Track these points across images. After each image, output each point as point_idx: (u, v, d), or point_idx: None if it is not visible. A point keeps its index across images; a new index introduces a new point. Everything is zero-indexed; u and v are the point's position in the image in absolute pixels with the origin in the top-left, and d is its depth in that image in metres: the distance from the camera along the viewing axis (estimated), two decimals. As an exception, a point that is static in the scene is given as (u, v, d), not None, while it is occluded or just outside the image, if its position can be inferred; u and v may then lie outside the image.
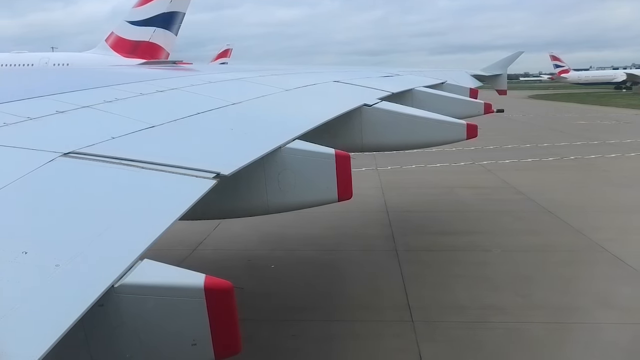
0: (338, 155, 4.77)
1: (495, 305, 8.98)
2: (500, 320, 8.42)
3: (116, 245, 2.56)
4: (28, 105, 4.13)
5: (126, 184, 3.18)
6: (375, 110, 7.48)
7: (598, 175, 20.46)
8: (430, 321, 8.47)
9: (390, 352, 7.62)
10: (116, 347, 2.51)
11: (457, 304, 9.11)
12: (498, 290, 9.63)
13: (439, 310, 8.87)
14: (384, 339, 7.96)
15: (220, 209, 4.75)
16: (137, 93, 5.14)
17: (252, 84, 7.66)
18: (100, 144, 3.47)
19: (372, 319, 8.62)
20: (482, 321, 8.42)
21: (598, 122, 42.72)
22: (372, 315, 8.74)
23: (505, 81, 21.89)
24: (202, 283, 2.50)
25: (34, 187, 2.81)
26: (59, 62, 40.68)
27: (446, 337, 7.99)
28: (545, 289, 9.60)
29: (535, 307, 8.90)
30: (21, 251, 2.24)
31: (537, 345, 7.69)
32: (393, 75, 12.10)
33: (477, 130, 7.89)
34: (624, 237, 12.47)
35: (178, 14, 43.15)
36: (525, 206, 15.74)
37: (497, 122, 35.49)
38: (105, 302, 2.31)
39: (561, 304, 8.98)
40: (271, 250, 12.13)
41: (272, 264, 11.26)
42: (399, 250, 11.95)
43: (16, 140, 3.29)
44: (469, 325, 8.32)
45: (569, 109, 59.43)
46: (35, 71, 16.01)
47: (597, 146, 27.80)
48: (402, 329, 8.24)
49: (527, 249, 11.90)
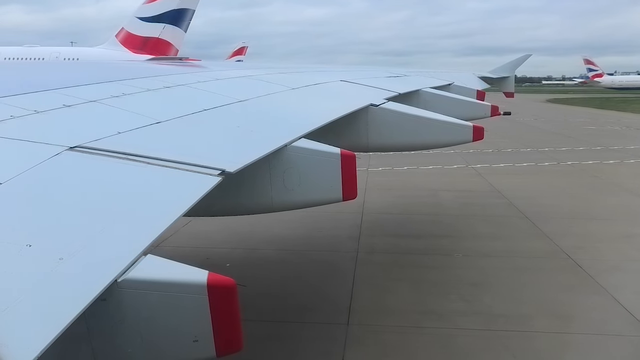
0: (343, 154, 4.77)
1: (436, 311, 8.87)
2: (435, 326, 8.28)
3: (120, 240, 2.56)
4: (35, 98, 4.14)
5: (131, 179, 3.18)
6: (382, 110, 7.47)
7: (588, 181, 20.24)
8: (365, 324, 8.33)
9: (313, 356, 7.47)
10: (118, 341, 2.52)
11: (399, 308, 8.98)
12: (444, 295, 9.50)
13: (378, 314, 8.74)
14: (312, 342, 7.81)
15: (224, 206, 4.75)
16: (144, 88, 5.14)
17: (259, 81, 7.66)
18: (107, 138, 3.47)
19: (308, 321, 8.47)
20: (417, 326, 8.30)
21: (608, 127, 42.33)
22: (310, 317, 8.60)
23: (513, 84, 21.85)
24: (205, 280, 2.50)
25: (40, 180, 2.82)
26: (70, 57, 41.01)
27: (375, 341, 7.86)
28: (493, 296, 9.46)
29: (475, 313, 8.76)
30: (25, 244, 2.24)
31: (460, 353, 7.57)
32: (400, 76, 12.09)
33: (484, 133, 7.87)
34: (592, 245, 12.31)
35: (187, 10, 43.35)
36: (504, 211, 15.58)
37: (504, 125, 35.32)
38: (108, 296, 2.32)
39: (502, 311, 8.83)
40: (232, 249, 12.01)
41: (229, 262, 11.12)
42: (360, 252, 11.85)
43: (23, 134, 3.30)
44: (403, 330, 8.19)
45: (582, 114, 58.87)
46: (43, 65, 16.08)
47: (598, 152, 27.59)
48: (335, 332, 8.11)
49: (490, 254, 11.75)
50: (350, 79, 9.40)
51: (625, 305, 8.92)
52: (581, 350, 7.73)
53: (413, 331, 8.17)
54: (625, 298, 9.24)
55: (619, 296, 9.32)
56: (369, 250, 12.10)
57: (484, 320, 8.52)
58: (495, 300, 9.30)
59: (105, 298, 2.30)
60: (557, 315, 8.69)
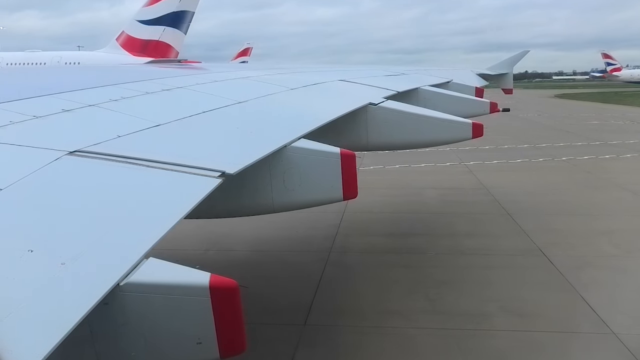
0: (343, 154, 4.77)
1: (398, 310, 8.77)
2: (394, 326, 8.18)
3: (121, 244, 2.56)
4: (34, 103, 4.14)
5: (132, 183, 3.18)
6: (381, 109, 7.47)
7: (579, 177, 20.02)
8: (322, 325, 8.26)
9: (262, 357, 7.25)
10: (121, 345, 2.52)
11: (360, 307, 8.90)
12: (410, 294, 9.40)
13: (337, 314, 8.67)
14: (265, 343, 7.60)
15: (225, 208, 4.75)
16: (143, 92, 5.14)
17: (258, 82, 7.66)
18: (106, 142, 3.47)
19: (265, 322, 8.25)
20: (376, 326, 8.19)
21: (612, 122, 42.07)
22: (269, 318, 8.41)
23: (511, 80, 21.83)
24: (208, 282, 2.51)
25: (40, 185, 2.82)
26: (71, 61, 41.25)
27: (329, 342, 7.80)
28: (458, 294, 9.34)
29: (437, 312, 8.67)
30: (27, 249, 2.24)
31: (411, 352, 7.48)
32: (399, 74, 12.09)
33: (483, 130, 7.86)
34: (569, 241, 12.16)
35: (187, 13, 43.50)
36: (487, 208, 15.40)
37: (505, 122, 35.20)
38: (110, 300, 2.32)
39: (464, 310, 8.72)
40: (205, 251, 11.90)
41: (200, 264, 10.97)
42: (332, 252, 11.75)
43: (22, 139, 3.30)
44: (360, 330, 8.07)
45: (588, 109, 58.35)
46: (42, 69, 16.07)
47: (596, 147, 27.39)
48: (291, 332, 8.02)
49: (464, 252, 11.64)
50: (349, 78, 9.40)
51: (590, 303, 8.76)
52: (534, 349, 7.56)
53: (369, 331, 8.05)
54: (592, 296, 9.08)
55: (586, 294, 9.15)
56: (342, 250, 11.98)
57: (444, 319, 8.42)
58: (460, 298, 9.18)
59: (108, 302, 2.30)
60: (519, 314, 8.56)
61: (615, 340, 7.59)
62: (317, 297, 9.32)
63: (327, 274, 10.47)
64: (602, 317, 8.26)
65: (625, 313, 8.52)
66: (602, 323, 8.09)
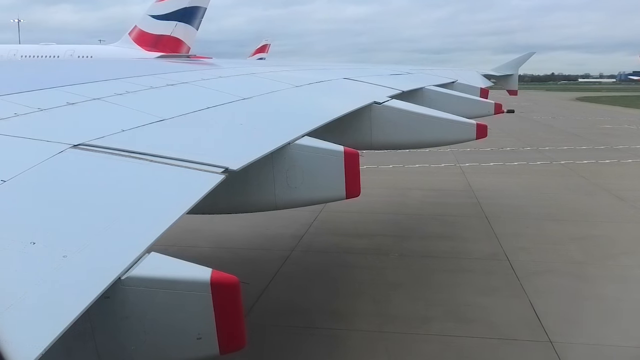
0: (347, 152, 4.76)
1: (339, 311, 8.64)
2: (328, 327, 8.07)
3: (124, 238, 2.57)
4: (39, 96, 4.15)
5: (135, 177, 3.19)
6: (385, 108, 7.45)
7: (571, 181, 19.59)
8: (258, 325, 8.01)
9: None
10: (122, 338, 2.53)
11: (302, 307, 8.77)
12: (357, 295, 9.26)
13: (277, 314, 8.52)
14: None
15: (228, 204, 4.76)
16: (148, 86, 5.15)
17: (263, 79, 7.67)
18: (110, 136, 3.48)
19: None
20: (310, 327, 8.06)
21: (625, 126, 41.08)
22: None
23: (517, 81, 21.79)
24: (209, 277, 2.51)
25: (44, 178, 2.82)
26: (83, 55, 41.50)
27: (258, 341, 7.49)
28: (405, 297, 9.15)
29: (379, 315, 8.49)
30: (29, 241, 2.25)
31: (338, 354, 7.38)
32: (404, 74, 12.07)
33: (487, 131, 7.83)
34: (539, 246, 11.91)
35: (199, 8, 43.72)
36: (466, 211, 15.14)
37: (514, 124, 34.72)
38: (111, 294, 2.32)
39: (406, 313, 8.55)
40: (168, 246, 11.58)
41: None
42: (295, 251, 11.56)
43: (26, 131, 3.31)
44: (294, 331, 7.96)
45: (605, 112, 56.91)
46: (49, 62, 16.09)
47: (599, 151, 26.89)
48: None
49: (429, 255, 11.47)
50: (354, 76, 9.39)
51: (537, 310, 8.55)
52: (461, 355, 7.40)
53: (302, 332, 7.92)
54: (542, 303, 8.86)
55: (536, 301, 8.92)
56: (306, 249, 11.80)
57: (382, 321, 8.25)
58: (406, 301, 8.99)
59: (109, 295, 2.31)
60: (460, 319, 8.35)
61: (550, 349, 7.39)
62: (263, 295, 9.16)
63: (282, 273, 10.27)
64: (545, 324, 8.07)
65: (571, 321, 8.31)
66: (542, 330, 7.90)
